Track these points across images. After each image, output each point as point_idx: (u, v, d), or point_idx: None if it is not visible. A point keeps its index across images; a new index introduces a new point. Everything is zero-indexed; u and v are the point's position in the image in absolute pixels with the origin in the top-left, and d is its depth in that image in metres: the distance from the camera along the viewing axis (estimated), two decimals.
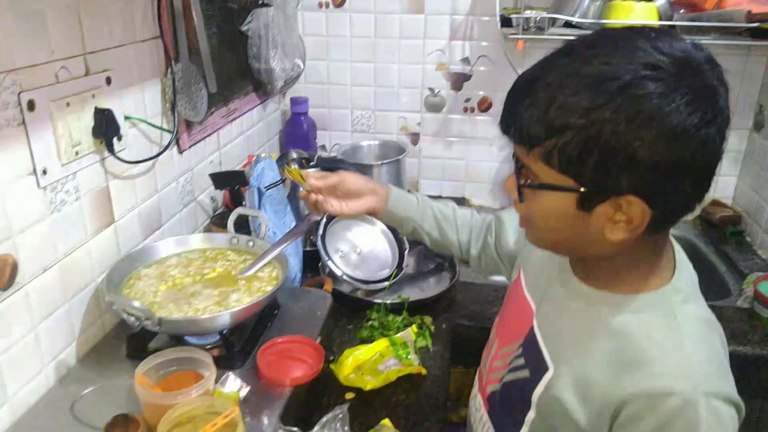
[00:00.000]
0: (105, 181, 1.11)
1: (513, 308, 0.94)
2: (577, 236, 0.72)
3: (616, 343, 0.72)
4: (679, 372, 0.68)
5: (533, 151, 0.68)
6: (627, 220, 0.67)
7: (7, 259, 0.89)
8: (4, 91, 0.85)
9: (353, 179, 1.09)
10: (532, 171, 0.70)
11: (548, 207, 0.71)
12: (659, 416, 0.67)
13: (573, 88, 0.63)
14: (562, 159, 0.66)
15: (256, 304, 1.04)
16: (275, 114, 2.00)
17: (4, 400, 0.92)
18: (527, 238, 0.81)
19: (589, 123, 0.63)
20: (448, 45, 1.87)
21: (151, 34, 1.21)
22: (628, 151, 0.62)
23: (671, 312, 0.72)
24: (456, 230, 1.15)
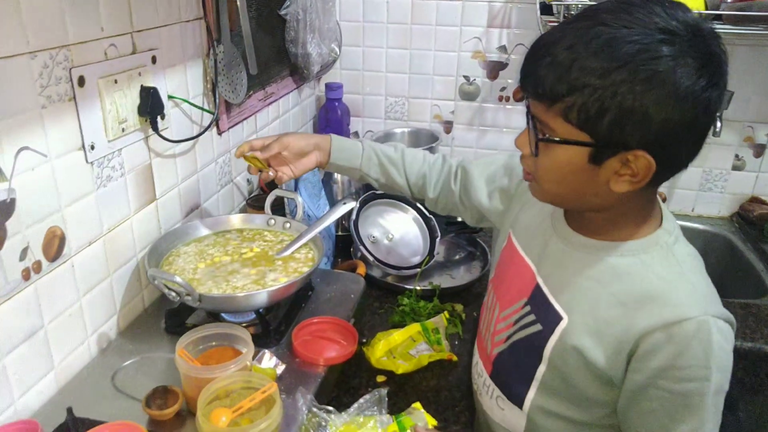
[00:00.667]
0: (148, 158, 1.13)
1: (511, 271, 0.96)
2: (584, 188, 0.77)
3: (624, 284, 0.79)
4: (689, 300, 0.75)
5: (553, 107, 0.72)
6: (632, 174, 0.72)
7: (55, 231, 0.92)
8: (56, 66, 0.87)
9: (295, 141, 1.12)
10: (550, 126, 0.74)
11: (561, 160, 0.76)
12: (678, 342, 0.73)
13: (593, 50, 0.68)
14: (580, 115, 0.70)
15: (293, 284, 1.05)
16: (310, 99, 2.00)
17: (50, 367, 0.94)
18: (532, 191, 0.85)
19: (607, 83, 0.68)
20: (485, 32, 1.85)
21: (194, 15, 1.22)
22: (641, 110, 0.67)
23: (668, 250, 0.79)
24: (405, 174, 1.16)
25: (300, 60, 1.73)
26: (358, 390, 1.10)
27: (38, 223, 0.88)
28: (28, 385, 0.90)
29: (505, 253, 1.00)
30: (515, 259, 0.95)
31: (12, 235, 0.83)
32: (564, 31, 0.72)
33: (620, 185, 0.74)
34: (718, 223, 1.84)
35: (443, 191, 1.16)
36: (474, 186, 1.11)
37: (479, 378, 1.01)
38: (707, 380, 0.74)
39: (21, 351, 0.88)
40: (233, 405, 0.84)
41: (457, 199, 1.15)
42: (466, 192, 1.13)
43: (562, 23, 0.75)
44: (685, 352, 0.73)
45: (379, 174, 1.16)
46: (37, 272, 0.89)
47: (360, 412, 0.93)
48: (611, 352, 0.78)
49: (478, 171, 1.12)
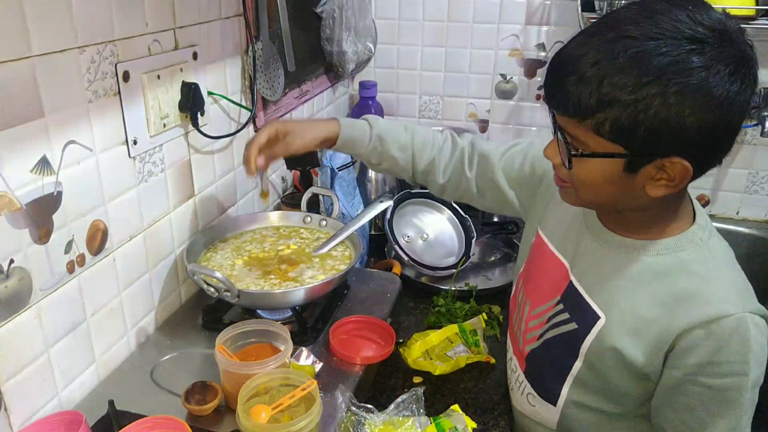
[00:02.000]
0: (187, 154, 1.13)
1: (542, 268, 0.95)
2: (619, 195, 0.77)
3: (662, 284, 0.79)
4: (727, 297, 0.76)
5: (584, 123, 0.71)
6: (669, 178, 0.73)
7: (98, 225, 0.92)
8: (103, 61, 0.88)
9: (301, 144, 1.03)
10: (581, 140, 0.74)
11: (595, 172, 0.75)
12: (716, 338, 0.74)
13: (621, 64, 0.67)
14: (613, 129, 0.70)
15: (330, 281, 1.05)
16: (344, 97, 2.00)
17: (92, 360, 0.95)
18: (565, 197, 0.85)
19: (640, 97, 0.67)
20: (523, 30, 1.82)
21: (234, 12, 1.22)
22: (676, 120, 0.67)
23: (703, 247, 0.79)
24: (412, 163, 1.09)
25: (335, 58, 1.73)
26: (394, 390, 1.08)
27: (82, 216, 0.89)
28: (71, 377, 0.91)
29: (535, 249, 0.99)
30: (546, 255, 0.95)
31: (58, 228, 0.84)
32: (587, 45, 0.70)
33: (657, 190, 0.74)
34: (764, 227, 1.77)
35: (454, 177, 1.09)
36: (496, 175, 1.06)
37: (513, 374, 1.01)
38: (745, 375, 0.75)
39: (65, 343, 0.89)
40: (272, 402, 0.83)
41: (474, 188, 1.09)
42: (485, 180, 1.07)
43: (582, 36, 0.73)
44: (724, 348, 0.74)
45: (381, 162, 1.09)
46: (81, 265, 0.90)
47: (398, 412, 0.92)
48: (650, 350, 0.79)
49: (494, 153, 1.07)
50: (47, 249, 0.83)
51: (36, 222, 0.80)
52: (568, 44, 0.74)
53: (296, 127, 1.03)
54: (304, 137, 1.03)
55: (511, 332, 1.03)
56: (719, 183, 1.77)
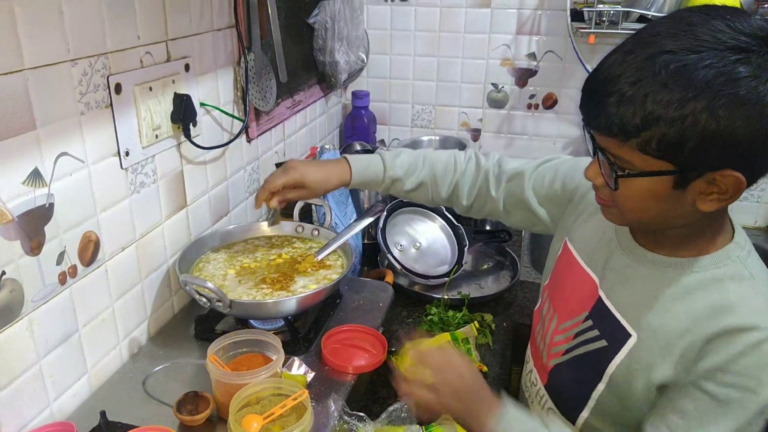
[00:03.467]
0: (180, 165, 1.14)
1: (570, 281, 0.94)
2: (667, 213, 0.75)
3: (695, 297, 0.76)
4: (760, 311, 0.72)
5: (628, 142, 0.69)
6: (720, 191, 0.70)
7: (91, 236, 0.93)
8: (95, 73, 0.88)
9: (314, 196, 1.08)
10: (625, 160, 0.71)
11: (643, 191, 0.73)
12: (737, 347, 0.71)
13: (663, 81, 0.65)
14: (660, 147, 0.67)
15: (322, 291, 1.05)
16: (337, 107, 2.01)
17: (84, 371, 0.95)
18: (609, 217, 0.82)
19: (687, 112, 0.65)
20: (514, 40, 1.84)
21: (226, 23, 1.23)
22: (726, 132, 0.65)
23: (740, 264, 0.76)
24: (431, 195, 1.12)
25: (328, 68, 1.74)
26: (387, 399, 1.09)
27: (74, 227, 0.89)
28: (63, 388, 0.91)
29: (562, 261, 0.98)
30: (575, 269, 0.93)
31: (50, 240, 0.84)
32: (624, 63, 0.68)
33: (708, 204, 0.71)
34: (754, 234, 1.79)
35: (479, 198, 1.11)
36: (526, 194, 1.06)
37: (533, 387, 0.99)
38: (754, 393, 0.71)
39: (56, 354, 0.89)
40: (264, 411, 0.83)
41: (500, 207, 1.10)
42: (514, 199, 1.08)
43: (617, 53, 0.70)
44: (741, 359, 0.71)
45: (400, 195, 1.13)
46: (73, 276, 0.90)
47: (390, 421, 0.92)
48: (678, 361, 0.76)
49: (527, 177, 1.07)
50: (39, 260, 0.83)
51: (28, 234, 0.80)
52: (604, 63, 0.71)
53: (311, 180, 1.05)
54: (317, 192, 1.07)
55: (533, 345, 1.01)
56: None
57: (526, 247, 1.74)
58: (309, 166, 1.06)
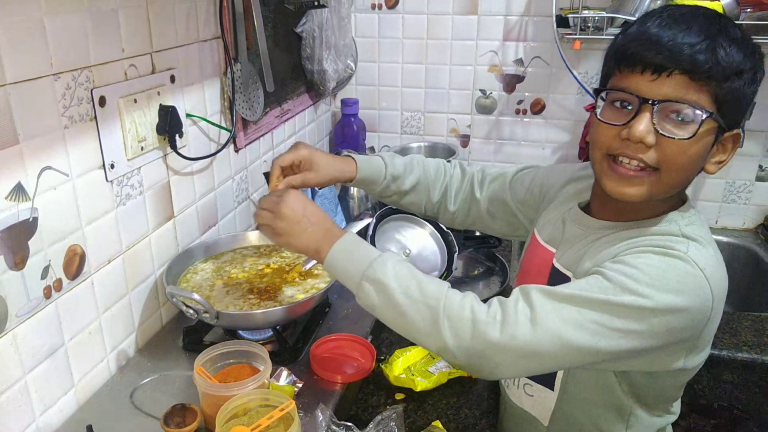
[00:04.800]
0: (166, 176, 1.14)
1: (532, 262, 0.97)
2: (694, 173, 0.80)
3: (623, 239, 0.82)
4: (679, 244, 0.77)
5: (709, 85, 0.73)
6: (722, 153, 0.79)
7: (76, 249, 0.93)
8: (78, 87, 0.88)
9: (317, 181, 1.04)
10: (701, 106, 0.74)
11: (704, 143, 0.76)
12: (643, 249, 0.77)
13: (735, 39, 0.73)
14: (727, 98, 0.73)
15: (310, 300, 1.05)
16: (326, 115, 2.02)
17: (71, 385, 0.95)
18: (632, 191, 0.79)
19: (750, 71, 0.75)
20: (501, 46, 1.85)
21: (212, 34, 1.24)
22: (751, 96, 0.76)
23: (677, 229, 0.81)
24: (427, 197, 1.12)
25: (316, 76, 1.74)
26: (376, 408, 1.09)
27: (59, 241, 0.89)
28: (49, 403, 0.91)
29: (529, 249, 1.01)
30: (537, 250, 0.96)
31: (34, 254, 0.84)
32: (681, 17, 0.75)
33: (714, 167, 0.80)
34: (742, 235, 1.80)
35: (464, 203, 1.12)
36: (506, 196, 1.08)
37: None
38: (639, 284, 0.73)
39: (42, 369, 0.88)
40: (251, 423, 0.83)
41: (484, 211, 1.11)
42: (497, 201, 1.10)
43: (660, 17, 0.76)
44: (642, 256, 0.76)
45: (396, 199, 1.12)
46: (58, 290, 0.90)
47: (378, 430, 0.92)
48: None
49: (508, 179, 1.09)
50: (23, 275, 0.83)
51: (11, 248, 0.80)
52: (660, 22, 0.75)
53: (318, 162, 1.02)
54: (323, 175, 1.03)
55: None
56: (698, 193, 1.80)
57: (516, 252, 1.74)
58: (317, 150, 1.04)
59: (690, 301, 0.74)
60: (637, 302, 0.73)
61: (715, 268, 0.78)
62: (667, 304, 0.73)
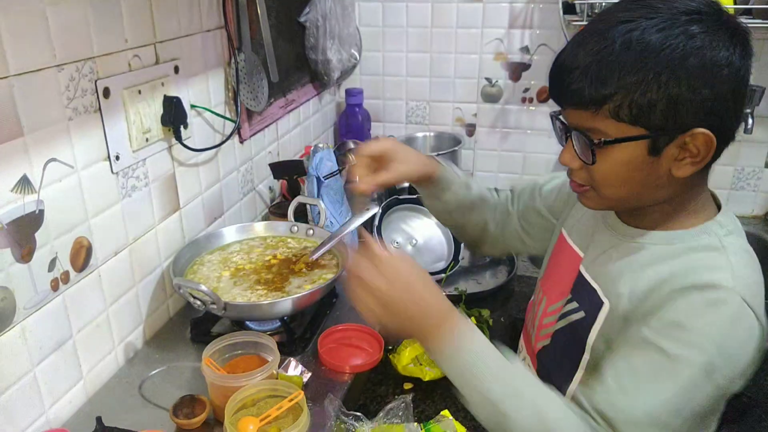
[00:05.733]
0: (172, 168, 1.13)
1: (560, 263, 0.95)
2: (646, 184, 0.76)
3: (665, 265, 0.77)
4: (727, 276, 0.72)
5: (601, 110, 0.71)
6: (692, 155, 0.72)
7: (82, 241, 0.92)
8: (82, 78, 0.88)
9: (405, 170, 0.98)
10: (601, 131, 0.73)
11: (620, 161, 0.74)
12: (693, 303, 0.71)
13: (622, 46, 0.69)
14: (632, 111, 0.70)
15: (318, 291, 1.05)
16: (330, 105, 2.00)
17: (79, 377, 0.95)
18: (586, 203, 0.83)
19: (649, 75, 0.68)
20: (506, 34, 1.83)
21: (215, 24, 1.23)
22: (689, 91, 0.68)
23: (717, 241, 0.77)
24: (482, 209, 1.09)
25: (320, 66, 1.73)
26: (384, 397, 1.09)
27: (66, 233, 0.89)
28: (59, 394, 0.91)
29: (556, 249, 0.99)
30: (566, 251, 0.94)
31: (41, 246, 0.84)
32: (584, 40, 0.72)
33: (683, 170, 0.73)
34: (751, 222, 1.78)
35: (501, 220, 1.09)
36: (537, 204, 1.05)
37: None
38: (700, 350, 0.70)
39: (51, 361, 0.88)
40: (260, 413, 0.83)
41: (519, 226, 1.08)
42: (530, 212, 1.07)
43: (578, 35, 0.75)
44: (695, 315, 0.71)
45: (461, 212, 1.08)
46: (65, 283, 0.90)
47: (387, 420, 0.92)
48: (639, 320, 0.75)
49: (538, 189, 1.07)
50: (30, 267, 0.83)
51: (18, 241, 0.80)
52: (567, 46, 0.75)
53: (406, 152, 0.98)
54: (414, 165, 0.98)
55: (525, 332, 1.02)
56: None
57: None
58: (398, 143, 1.00)
59: (751, 352, 0.72)
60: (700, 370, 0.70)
61: (757, 287, 0.75)
62: (733, 366, 0.71)
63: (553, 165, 1.95)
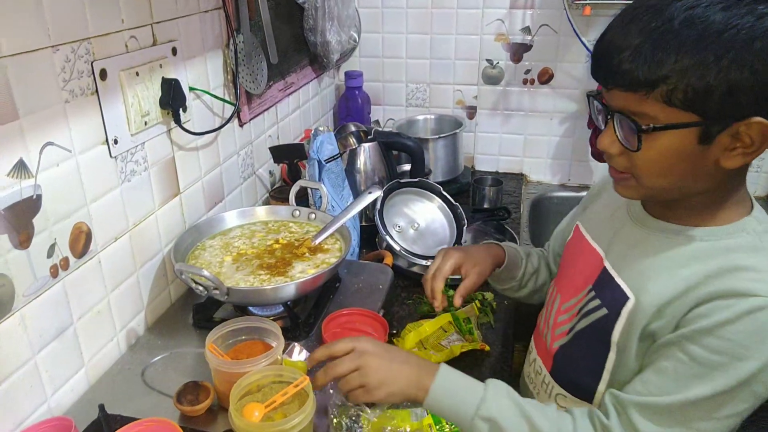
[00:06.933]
0: (171, 152, 1.11)
1: (577, 260, 0.92)
2: (691, 174, 0.72)
3: (702, 264, 0.73)
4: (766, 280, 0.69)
5: (653, 93, 0.67)
6: (745, 145, 0.68)
7: (81, 227, 0.91)
8: (78, 59, 0.86)
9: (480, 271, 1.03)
10: (649, 115, 0.69)
11: (667, 149, 0.70)
12: (733, 312, 0.68)
13: (680, 26, 0.64)
14: (687, 96, 0.65)
15: (321, 275, 1.03)
16: (330, 88, 1.98)
17: (81, 364, 0.94)
18: (623, 191, 0.79)
19: (710, 57, 0.63)
20: (508, 14, 1.80)
21: (213, 5, 1.20)
22: (753, 76, 0.63)
23: (756, 238, 0.73)
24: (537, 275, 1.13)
25: (319, 48, 1.70)
26: None
27: (64, 219, 0.87)
28: (60, 382, 0.90)
29: (571, 245, 0.97)
30: (583, 248, 0.91)
31: (39, 232, 0.82)
32: (635, 16, 0.68)
33: (733, 161, 0.69)
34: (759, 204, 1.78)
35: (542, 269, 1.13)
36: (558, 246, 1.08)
37: (537, 376, 0.97)
38: (739, 360, 0.68)
39: (52, 348, 0.87)
40: (265, 399, 0.82)
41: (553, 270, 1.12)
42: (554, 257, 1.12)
43: (622, 14, 0.70)
44: (733, 324, 0.68)
45: (530, 282, 1.12)
46: (65, 269, 0.88)
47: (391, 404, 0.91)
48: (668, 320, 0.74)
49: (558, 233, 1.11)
50: (29, 254, 0.81)
51: (15, 227, 0.78)
52: (614, 21, 0.71)
53: (475, 254, 1.03)
54: (487, 264, 1.04)
55: (537, 334, 1.00)
56: None
57: (526, 224, 1.72)
58: (461, 248, 1.05)
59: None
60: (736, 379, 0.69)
61: None
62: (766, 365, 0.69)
63: (554, 147, 1.93)
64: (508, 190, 1.85)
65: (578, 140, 1.89)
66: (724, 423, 0.71)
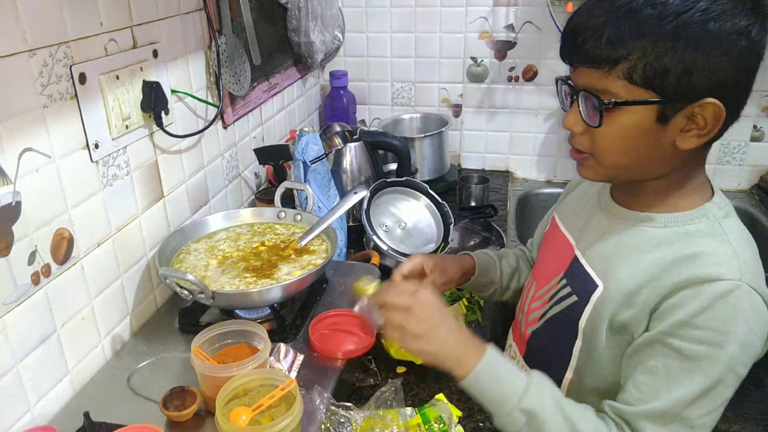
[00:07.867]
0: (154, 155, 1.10)
1: (550, 249, 0.95)
2: (649, 153, 0.74)
3: (663, 250, 0.76)
4: (728, 263, 0.72)
5: (614, 70, 0.70)
6: (699, 127, 0.70)
7: (63, 233, 0.90)
8: (56, 63, 0.84)
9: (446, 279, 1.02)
10: (611, 92, 0.71)
11: (627, 126, 0.72)
12: (703, 299, 0.70)
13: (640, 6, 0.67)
14: (647, 73, 0.68)
15: (307, 277, 1.03)
16: (315, 88, 1.97)
17: (65, 372, 0.93)
18: (584, 172, 0.82)
19: (667, 37, 0.66)
20: (491, 12, 1.80)
21: (194, 6, 1.19)
22: (706, 58, 0.66)
23: (715, 223, 0.76)
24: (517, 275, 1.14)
25: (303, 49, 1.70)
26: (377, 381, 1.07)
27: (45, 225, 0.86)
28: (44, 390, 0.89)
29: (547, 235, 0.99)
30: (557, 237, 0.94)
31: (19, 239, 0.81)
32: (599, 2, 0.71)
33: (688, 142, 0.72)
34: (737, 197, 1.80)
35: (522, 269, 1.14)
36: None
37: (511, 361, 0.98)
38: (721, 348, 0.70)
39: (35, 356, 0.86)
40: (252, 403, 0.82)
41: None
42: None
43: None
44: (708, 311, 0.70)
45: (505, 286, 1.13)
46: (47, 276, 0.87)
47: (378, 406, 0.91)
48: (639, 310, 0.76)
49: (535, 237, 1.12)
50: (9, 261, 0.80)
51: None
52: (582, 6, 0.74)
53: (443, 262, 1.02)
54: (455, 271, 1.03)
55: (514, 322, 1.02)
56: None
57: (512, 222, 1.73)
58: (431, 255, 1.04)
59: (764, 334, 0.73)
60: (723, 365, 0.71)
61: (758, 268, 0.75)
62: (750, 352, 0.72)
63: (539, 144, 1.94)
64: (495, 188, 1.86)
65: (563, 137, 1.89)
66: (719, 411, 0.73)
